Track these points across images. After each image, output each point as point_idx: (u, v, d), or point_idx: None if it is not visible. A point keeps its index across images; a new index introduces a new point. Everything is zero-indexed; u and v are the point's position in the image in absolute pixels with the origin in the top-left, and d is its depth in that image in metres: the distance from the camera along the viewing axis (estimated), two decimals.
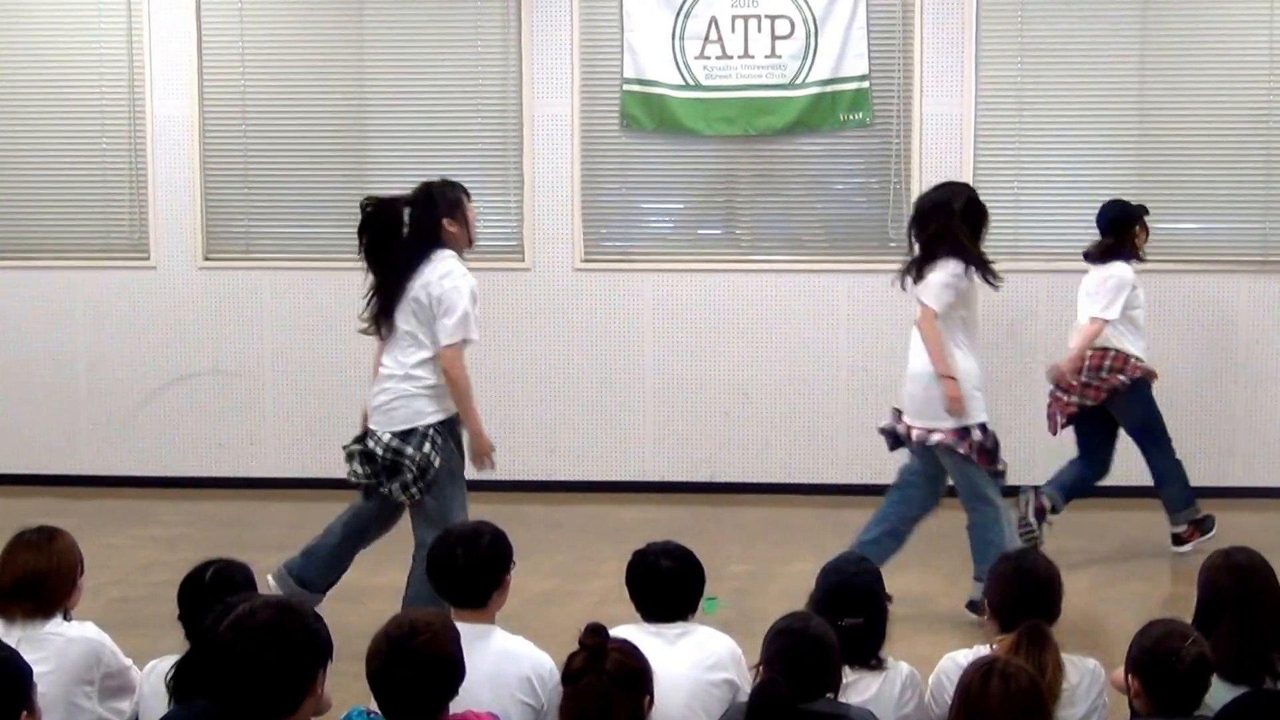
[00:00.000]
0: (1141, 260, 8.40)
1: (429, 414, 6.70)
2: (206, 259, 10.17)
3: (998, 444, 7.21)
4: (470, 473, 9.99)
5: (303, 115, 10.09)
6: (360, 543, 7.01)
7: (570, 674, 3.84)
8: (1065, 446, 8.62)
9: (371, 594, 7.56)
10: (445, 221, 6.86)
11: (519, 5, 9.90)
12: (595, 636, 3.87)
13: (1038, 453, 9.06)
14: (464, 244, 6.92)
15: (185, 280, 10.18)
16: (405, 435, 6.65)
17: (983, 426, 7.15)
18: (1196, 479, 9.51)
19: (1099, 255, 8.38)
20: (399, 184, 10.04)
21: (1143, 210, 8.49)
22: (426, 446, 6.61)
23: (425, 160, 10.03)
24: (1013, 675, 3.75)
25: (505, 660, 4.50)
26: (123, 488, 10.08)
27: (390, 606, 4.29)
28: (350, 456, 6.75)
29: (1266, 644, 4.52)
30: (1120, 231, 8.39)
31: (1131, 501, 9.41)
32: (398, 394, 6.74)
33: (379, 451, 6.64)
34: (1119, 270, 8.25)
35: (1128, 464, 9.42)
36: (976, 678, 3.77)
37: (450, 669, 3.91)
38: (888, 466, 9.83)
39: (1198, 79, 9.59)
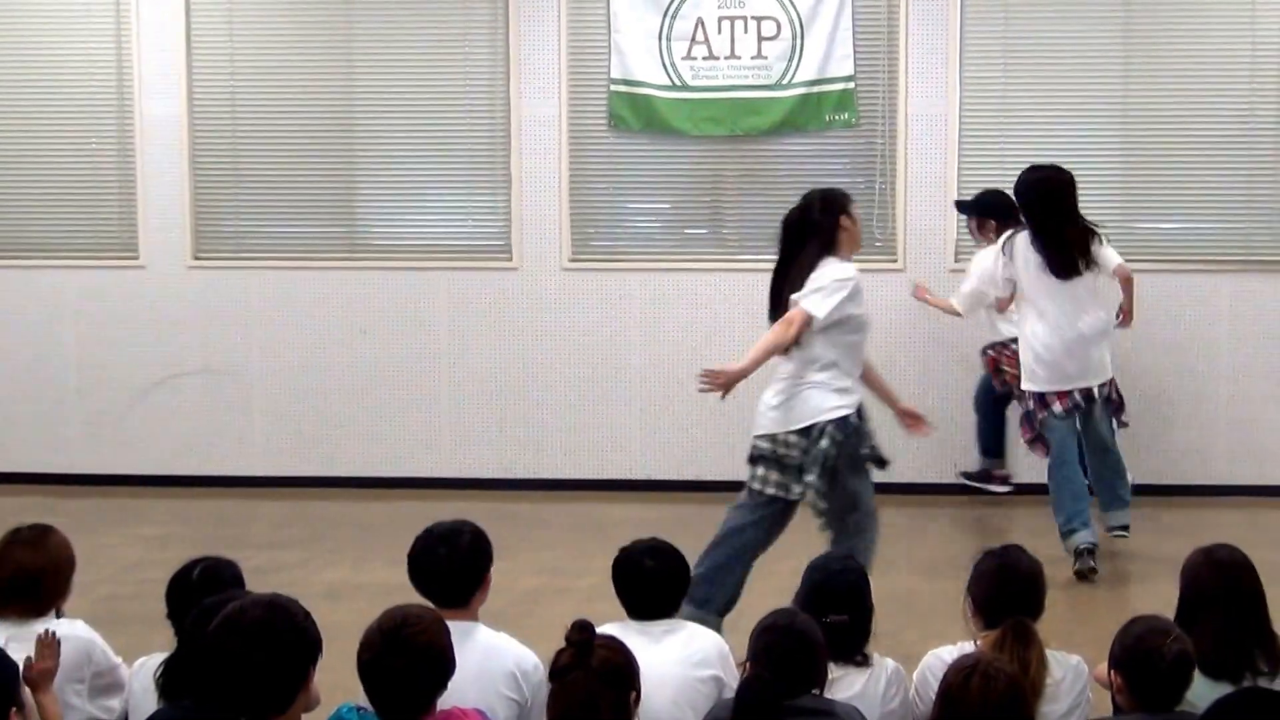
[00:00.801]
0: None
1: (827, 410, 6.40)
2: (195, 258, 10.15)
3: None
4: (457, 470, 10.04)
5: (291, 116, 10.07)
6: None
7: (557, 670, 3.84)
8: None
9: (357, 592, 7.56)
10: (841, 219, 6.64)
11: (507, 6, 9.89)
12: (581, 633, 3.87)
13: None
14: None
15: (174, 280, 10.16)
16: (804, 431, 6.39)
17: None
18: (1179, 477, 9.59)
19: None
20: (387, 184, 10.12)
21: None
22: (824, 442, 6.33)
23: (413, 160, 10.06)
24: (993, 676, 3.76)
25: (489, 657, 4.49)
26: (112, 486, 10.06)
27: (374, 603, 4.28)
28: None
29: (1248, 639, 4.53)
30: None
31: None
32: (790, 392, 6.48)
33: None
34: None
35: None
36: (958, 678, 3.78)
37: (441, 661, 3.91)
38: None
39: (1180, 80, 9.61)
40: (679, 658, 4.56)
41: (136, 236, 10.19)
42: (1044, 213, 7.85)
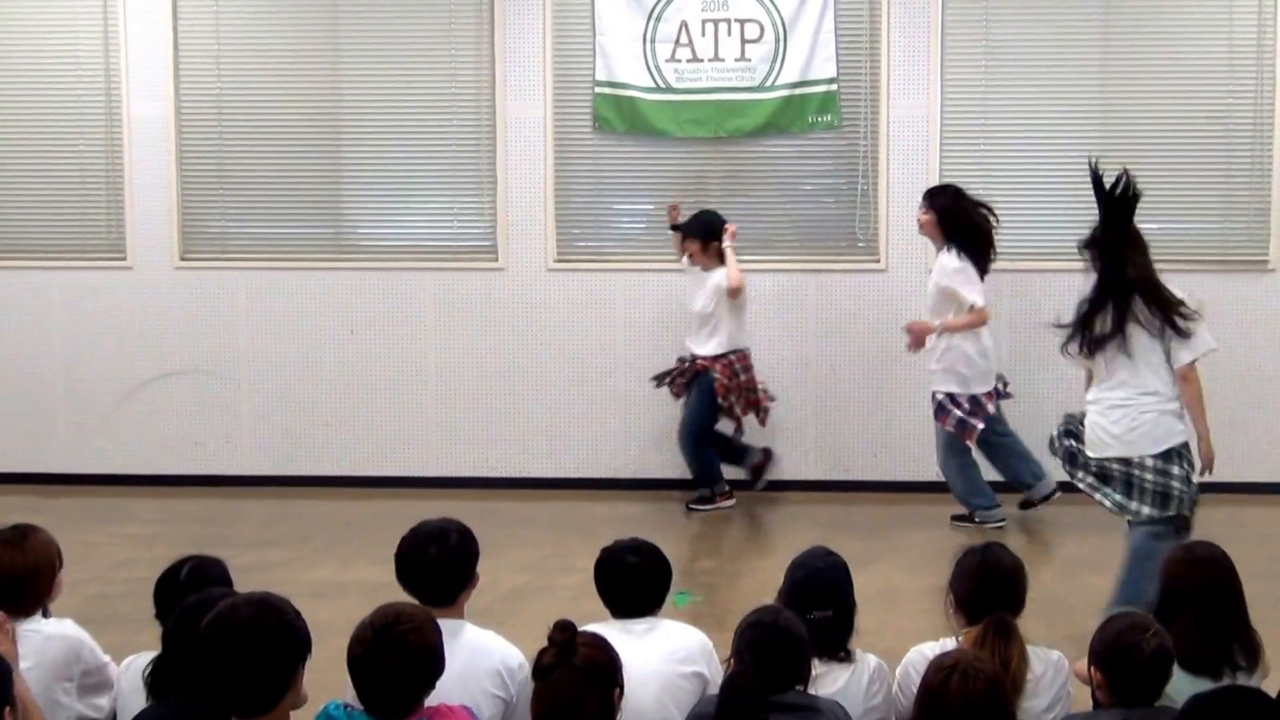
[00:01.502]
0: None
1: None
2: (183, 259, 10.13)
3: None
4: (443, 469, 10.03)
5: (278, 117, 10.05)
6: None
7: (540, 669, 3.83)
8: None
9: (343, 590, 7.55)
10: None
11: (492, 9, 9.88)
12: (563, 633, 3.86)
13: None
14: None
15: (162, 280, 10.13)
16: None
17: None
18: None
19: None
20: (374, 185, 10.10)
21: None
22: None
23: (400, 162, 10.05)
24: (972, 675, 3.75)
25: (476, 654, 4.48)
26: (100, 485, 10.03)
27: (362, 602, 4.26)
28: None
29: (1228, 636, 4.54)
30: None
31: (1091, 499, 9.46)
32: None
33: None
34: None
35: None
36: (938, 677, 3.78)
37: (432, 660, 3.90)
38: (856, 463, 9.91)
39: (1158, 82, 9.63)
40: (662, 655, 4.56)
41: (124, 237, 10.16)
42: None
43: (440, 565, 4.64)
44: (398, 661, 3.81)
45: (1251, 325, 9.63)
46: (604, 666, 3.86)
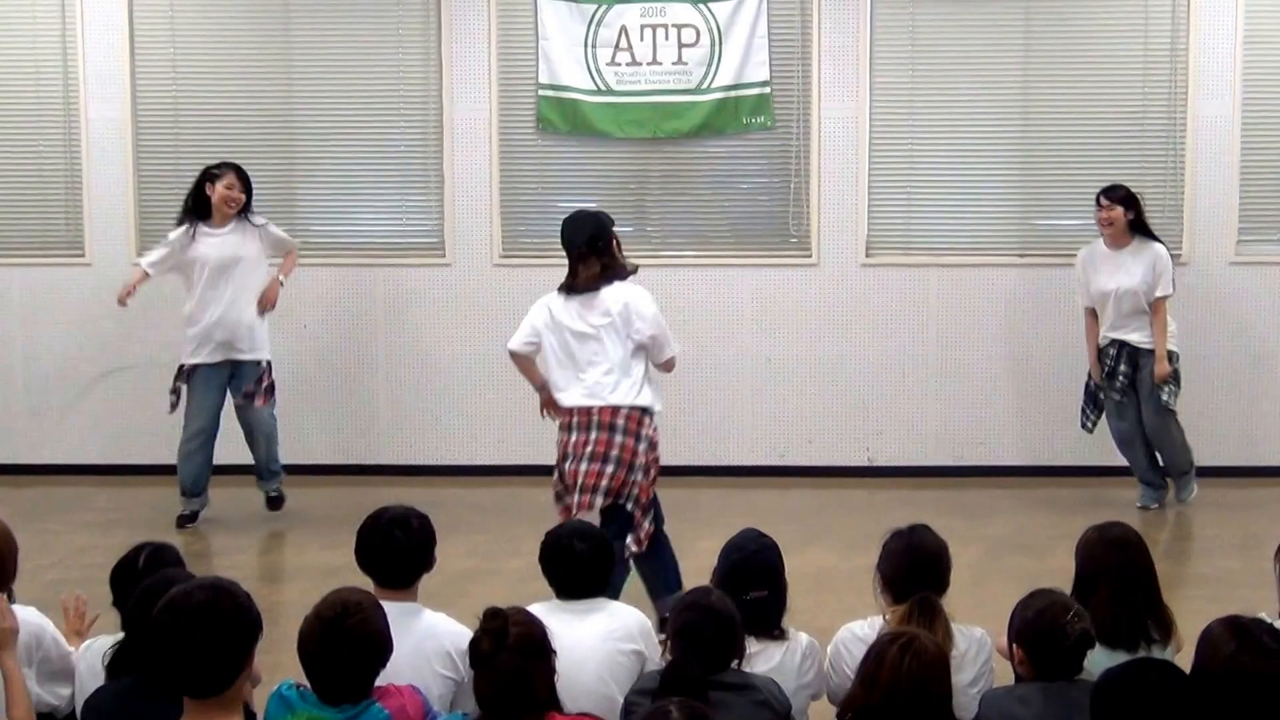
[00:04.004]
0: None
1: None
2: (140, 256, 10.02)
3: None
4: (394, 457, 9.99)
5: (232, 119, 9.97)
6: None
7: (480, 656, 3.81)
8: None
9: (295, 574, 7.53)
10: None
11: (439, 15, 9.84)
12: (495, 619, 3.85)
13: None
14: None
15: (118, 277, 9.99)
16: None
17: None
18: (1081, 459, 9.65)
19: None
20: (325, 184, 10.05)
21: None
22: None
23: (350, 161, 10.00)
24: (920, 651, 3.77)
25: (427, 637, 4.49)
26: (58, 475, 9.95)
27: (314, 584, 4.25)
28: None
29: (1141, 611, 4.59)
30: None
31: (1015, 480, 9.56)
32: None
33: None
34: None
35: (1027, 444, 9.57)
36: (888, 650, 3.79)
37: (380, 646, 3.90)
38: (791, 449, 9.95)
39: (1077, 84, 9.69)
40: (603, 633, 4.57)
41: (83, 235, 10.07)
42: None
43: (404, 550, 4.65)
44: (347, 651, 3.82)
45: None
46: (536, 640, 3.86)
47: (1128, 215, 8.73)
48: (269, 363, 8.83)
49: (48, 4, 9.95)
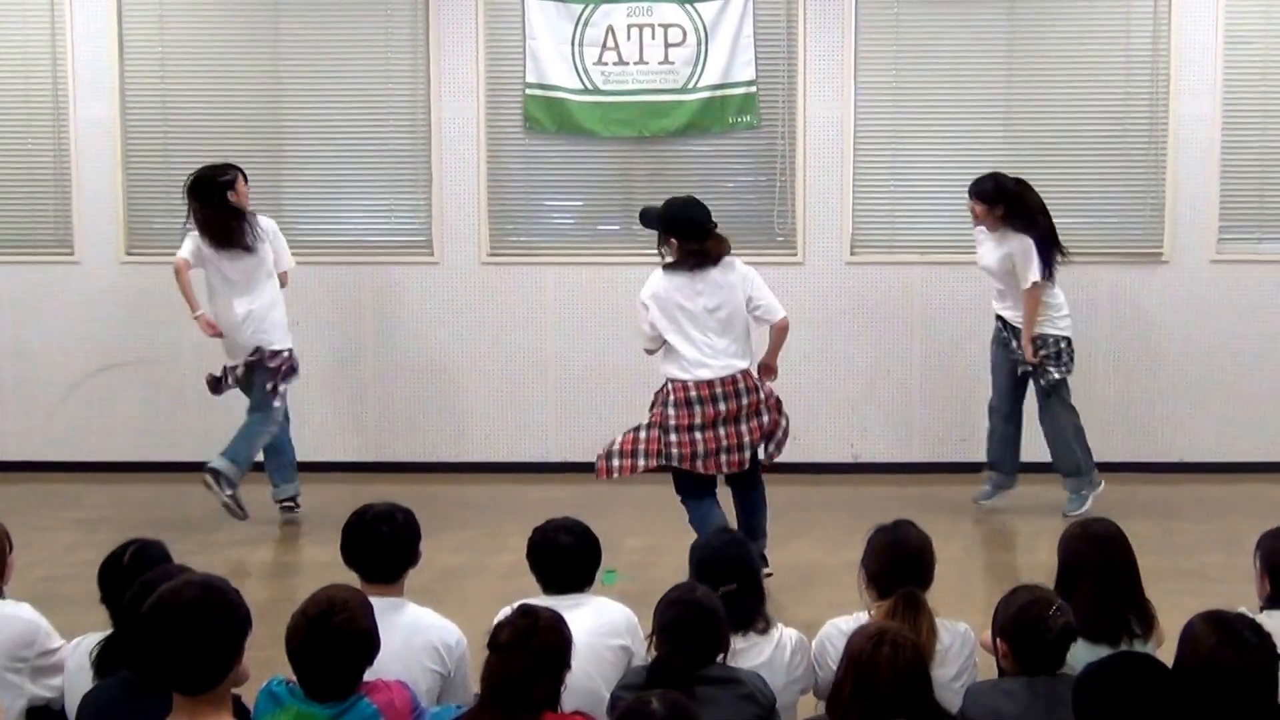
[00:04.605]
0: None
1: None
2: (128, 254, 10.02)
3: None
4: (383, 454, 9.99)
5: (220, 117, 9.95)
6: None
7: (497, 645, 3.78)
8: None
9: (285, 570, 7.52)
10: None
11: (427, 14, 9.83)
12: (525, 618, 3.84)
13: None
14: None
15: (107, 274, 10.03)
16: None
17: None
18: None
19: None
20: (313, 183, 10.04)
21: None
22: None
23: (338, 160, 9.99)
24: (900, 645, 3.78)
25: (414, 632, 4.49)
26: (47, 473, 9.92)
27: (303, 581, 4.25)
28: None
29: (1123, 605, 4.60)
30: None
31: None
32: None
33: None
34: None
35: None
36: (867, 645, 3.79)
37: (367, 642, 3.90)
38: None
39: (1059, 84, 9.70)
40: (590, 628, 4.57)
41: (71, 233, 10.04)
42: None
43: (390, 545, 4.66)
44: (335, 649, 3.82)
45: (1147, 314, 9.75)
46: (558, 649, 3.85)
47: (995, 211, 8.55)
48: (290, 350, 8.67)
49: (37, 3, 9.93)
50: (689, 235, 7.20)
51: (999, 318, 8.85)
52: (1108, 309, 9.75)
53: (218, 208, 8.40)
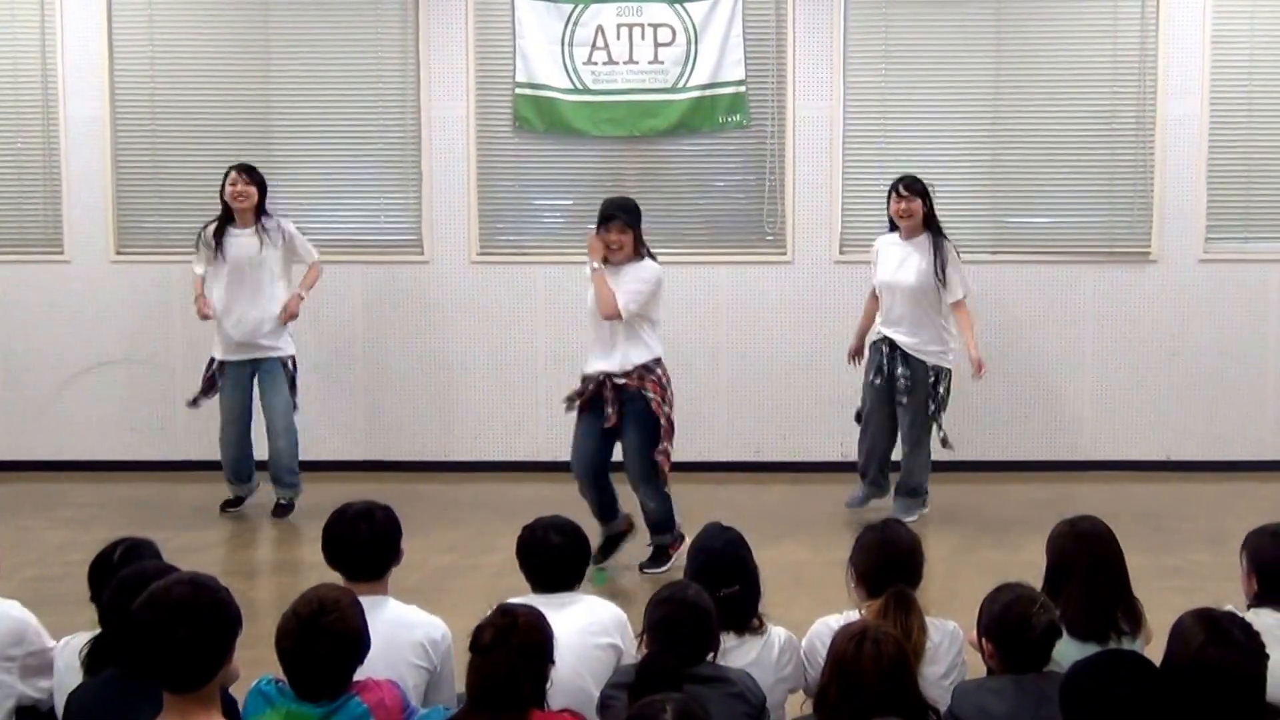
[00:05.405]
0: None
1: None
2: (118, 253, 10.00)
3: None
4: (372, 453, 9.97)
5: (210, 116, 9.94)
6: None
7: (479, 647, 3.79)
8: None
9: (275, 569, 7.51)
10: None
11: (417, 14, 9.82)
12: (505, 617, 3.84)
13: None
14: None
15: (97, 273, 10.00)
16: None
17: None
18: (1049, 453, 9.73)
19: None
20: (303, 182, 10.02)
21: None
22: None
23: (328, 159, 9.97)
24: (882, 641, 3.78)
25: (399, 628, 4.48)
26: (38, 472, 9.90)
27: (293, 580, 4.24)
28: None
29: (1111, 604, 4.60)
30: None
31: (986, 475, 9.57)
32: None
33: None
34: None
35: (996, 439, 9.58)
36: (850, 645, 3.79)
37: (357, 642, 3.89)
38: (765, 445, 9.94)
39: (1047, 85, 9.72)
40: (579, 627, 4.56)
41: (61, 232, 10.02)
42: None
43: (371, 543, 4.64)
44: (325, 649, 3.80)
45: (1132, 311, 9.76)
46: (540, 646, 3.85)
47: (924, 208, 8.35)
48: (293, 358, 8.83)
49: (26, 2, 9.91)
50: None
51: (887, 341, 8.36)
52: (1091, 309, 9.76)
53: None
